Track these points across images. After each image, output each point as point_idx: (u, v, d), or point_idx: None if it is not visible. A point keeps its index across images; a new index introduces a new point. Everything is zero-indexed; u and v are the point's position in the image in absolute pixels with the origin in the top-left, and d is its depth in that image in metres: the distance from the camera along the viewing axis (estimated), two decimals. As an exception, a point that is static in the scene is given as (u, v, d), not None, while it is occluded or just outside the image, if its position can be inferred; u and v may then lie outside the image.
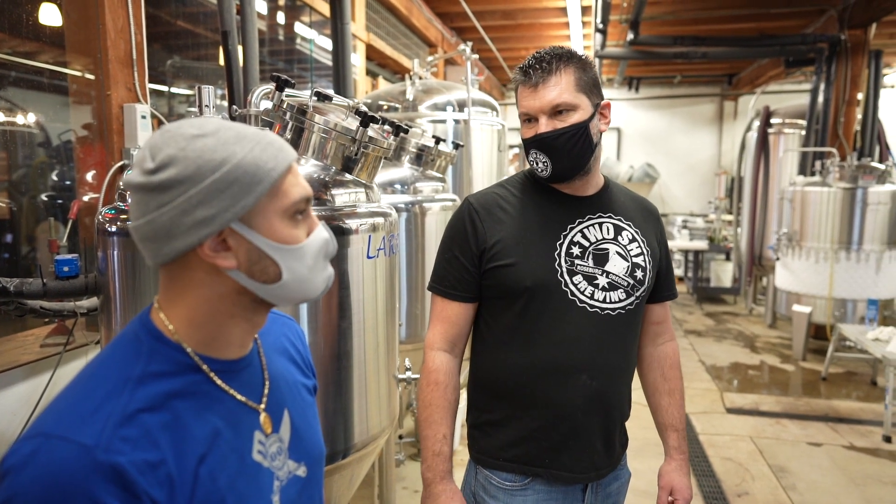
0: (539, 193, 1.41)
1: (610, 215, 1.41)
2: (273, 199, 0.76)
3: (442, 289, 1.40)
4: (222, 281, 0.77)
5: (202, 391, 0.78)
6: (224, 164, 0.72)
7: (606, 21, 6.15)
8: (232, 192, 0.73)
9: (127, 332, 0.80)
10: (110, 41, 2.31)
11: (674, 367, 1.55)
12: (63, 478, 0.65)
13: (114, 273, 1.70)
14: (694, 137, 11.48)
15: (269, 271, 0.77)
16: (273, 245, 0.76)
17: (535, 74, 1.30)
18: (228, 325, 0.80)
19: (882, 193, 5.39)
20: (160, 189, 0.72)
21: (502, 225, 1.36)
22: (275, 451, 0.85)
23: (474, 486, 1.43)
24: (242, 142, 0.75)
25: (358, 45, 5.18)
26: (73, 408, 0.71)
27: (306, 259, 0.79)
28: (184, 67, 3.81)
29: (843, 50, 6.14)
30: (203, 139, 0.73)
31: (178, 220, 0.72)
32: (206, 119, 0.76)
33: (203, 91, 1.63)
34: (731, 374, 5.33)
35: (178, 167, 0.72)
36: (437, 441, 1.36)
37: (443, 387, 1.38)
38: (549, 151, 1.31)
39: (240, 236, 0.75)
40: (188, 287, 0.78)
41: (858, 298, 5.38)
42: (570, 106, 1.29)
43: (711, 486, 3.39)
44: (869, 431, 4.11)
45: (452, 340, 1.41)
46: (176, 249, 0.74)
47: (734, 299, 8.36)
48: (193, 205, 0.72)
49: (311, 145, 1.73)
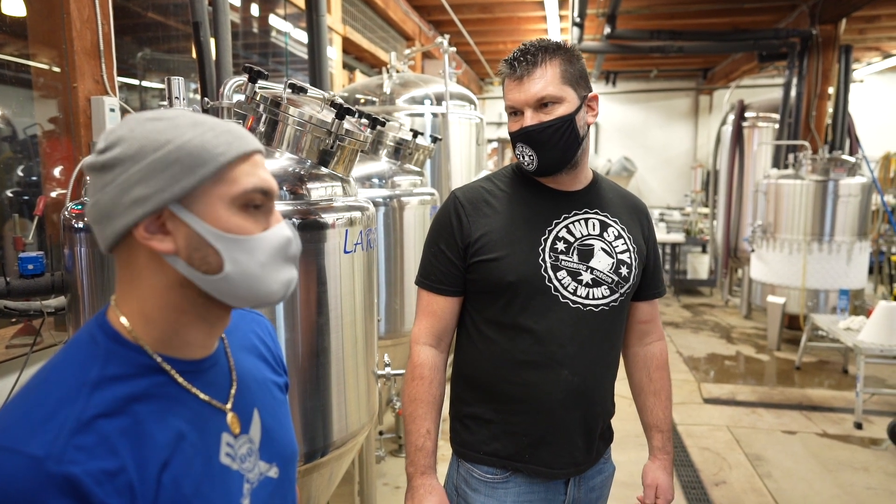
0: (526, 188, 1.39)
1: (596, 211, 1.40)
2: (219, 184, 0.73)
3: (428, 283, 1.40)
4: (164, 269, 0.74)
5: (164, 393, 0.75)
6: (167, 144, 0.71)
7: (584, 15, 6.17)
8: (172, 172, 0.70)
9: (82, 334, 0.77)
10: (76, 31, 2.24)
11: (660, 368, 1.53)
12: (13, 493, 0.62)
13: (81, 271, 1.65)
14: (670, 131, 11.61)
15: (210, 261, 0.73)
16: (215, 232, 0.72)
17: (520, 67, 1.28)
18: (182, 321, 0.76)
19: (852, 186, 5.49)
20: (105, 168, 0.72)
21: (488, 219, 1.35)
22: (245, 452, 0.83)
23: (456, 479, 1.43)
24: (197, 127, 0.73)
25: (334, 38, 5.12)
26: (24, 417, 0.67)
27: (257, 254, 0.74)
28: (155, 60, 3.72)
29: (814, 45, 6.24)
30: (156, 122, 0.72)
31: (117, 199, 0.71)
32: (173, 109, 0.73)
33: (173, 82, 1.57)
34: (707, 365, 5.40)
35: (123, 146, 0.71)
36: (420, 436, 1.35)
37: (427, 382, 1.37)
38: (535, 145, 1.29)
39: (178, 220, 0.72)
40: (135, 276, 0.75)
41: (830, 289, 5.49)
42: (556, 98, 1.28)
43: (690, 475, 3.43)
44: (841, 419, 4.20)
45: (438, 335, 1.40)
46: (115, 231, 0.72)
47: (710, 291, 8.48)
48: (132, 183, 0.70)
49: (285, 138, 1.69)
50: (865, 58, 9.48)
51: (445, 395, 1.45)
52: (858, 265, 5.55)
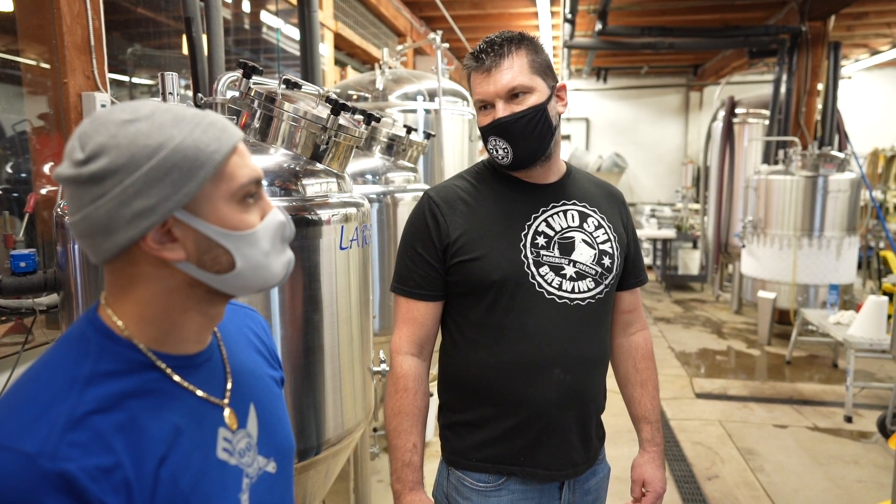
0: (500, 183, 1.35)
1: (574, 202, 1.36)
2: (219, 183, 0.71)
3: (406, 289, 1.34)
4: (172, 274, 0.73)
5: (159, 389, 0.74)
6: (161, 148, 0.67)
7: (575, 11, 6.17)
8: (172, 178, 0.68)
9: (73, 330, 0.75)
10: (66, 27, 2.22)
11: (646, 358, 1.50)
12: (6, 490, 0.61)
13: (74, 268, 1.64)
14: (661, 127, 11.65)
15: (221, 260, 0.73)
16: (223, 232, 0.72)
17: (487, 59, 1.26)
18: (183, 319, 0.76)
19: (842, 181, 5.54)
20: (93, 181, 0.67)
21: (465, 218, 1.31)
22: (243, 447, 0.82)
23: (447, 487, 1.38)
24: (180, 124, 0.69)
25: (326, 34, 5.09)
26: (15, 414, 0.66)
27: (261, 244, 0.75)
28: (146, 56, 3.69)
29: (803, 41, 6.28)
30: (136, 124, 0.68)
31: (115, 212, 0.68)
32: (140, 102, 0.71)
33: (166, 78, 1.57)
34: (699, 360, 5.44)
35: (110, 156, 0.67)
36: (406, 451, 1.31)
37: (412, 393, 1.32)
38: (509, 136, 1.26)
39: (185, 225, 0.70)
40: (136, 283, 0.73)
41: (820, 284, 5.53)
42: (527, 88, 1.25)
43: (683, 470, 3.45)
44: (831, 412, 4.24)
45: (420, 343, 1.35)
46: (117, 245, 0.69)
47: (701, 286, 8.53)
48: (131, 195, 0.67)
49: (280, 134, 1.68)
50: (854, 54, 9.55)
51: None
52: (848, 260, 5.60)
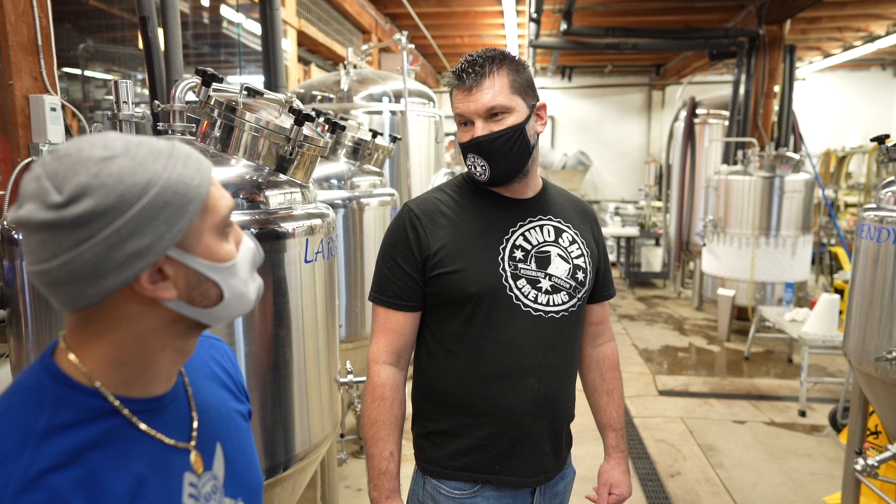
0: (479, 197, 1.39)
1: (550, 217, 1.40)
2: (205, 216, 0.70)
3: (385, 299, 1.36)
4: (157, 313, 0.70)
5: (121, 437, 0.70)
6: (150, 186, 0.65)
7: (540, 11, 6.19)
8: (164, 216, 0.65)
9: (25, 378, 0.70)
10: (10, 25, 2.10)
11: (612, 368, 1.56)
12: None
13: (22, 284, 1.56)
14: (624, 126, 11.83)
15: (209, 294, 0.72)
16: (212, 266, 0.71)
17: (468, 78, 1.28)
18: (159, 358, 0.73)
19: (797, 182, 5.71)
20: (76, 224, 0.62)
21: (445, 231, 1.33)
22: (209, 490, 0.79)
23: (422, 495, 1.41)
24: (158, 158, 0.66)
25: (289, 31, 4.99)
26: None
27: (241, 273, 0.75)
28: (99, 52, 3.55)
29: (761, 44, 6.44)
30: (116, 161, 0.64)
31: (105, 256, 0.64)
32: (105, 135, 0.67)
33: (120, 87, 1.49)
34: (662, 357, 5.55)
35: (96, 196, 0.62)
36: (383, 459, 1.33)
37: (389, 402, 1.34)
38: (487, 155, 1.29)
39: (177, 262, 0.69)
40: (115, 326, 0.69)
41: (777, 281, 5.70)
42: (505, 108, 1.27)
43: (646, 467, 3.52)
44: (786, 407, 4.38)
45: (398, 352, 1.37)
46: (106, 289, 0.65)
47: (664, 283, 8.70)
48: (123, 237, 0.64)
49: (241, 144, 1.63)
50: (807, 57, 9.86)
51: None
52: (802, 258, 5.79)
